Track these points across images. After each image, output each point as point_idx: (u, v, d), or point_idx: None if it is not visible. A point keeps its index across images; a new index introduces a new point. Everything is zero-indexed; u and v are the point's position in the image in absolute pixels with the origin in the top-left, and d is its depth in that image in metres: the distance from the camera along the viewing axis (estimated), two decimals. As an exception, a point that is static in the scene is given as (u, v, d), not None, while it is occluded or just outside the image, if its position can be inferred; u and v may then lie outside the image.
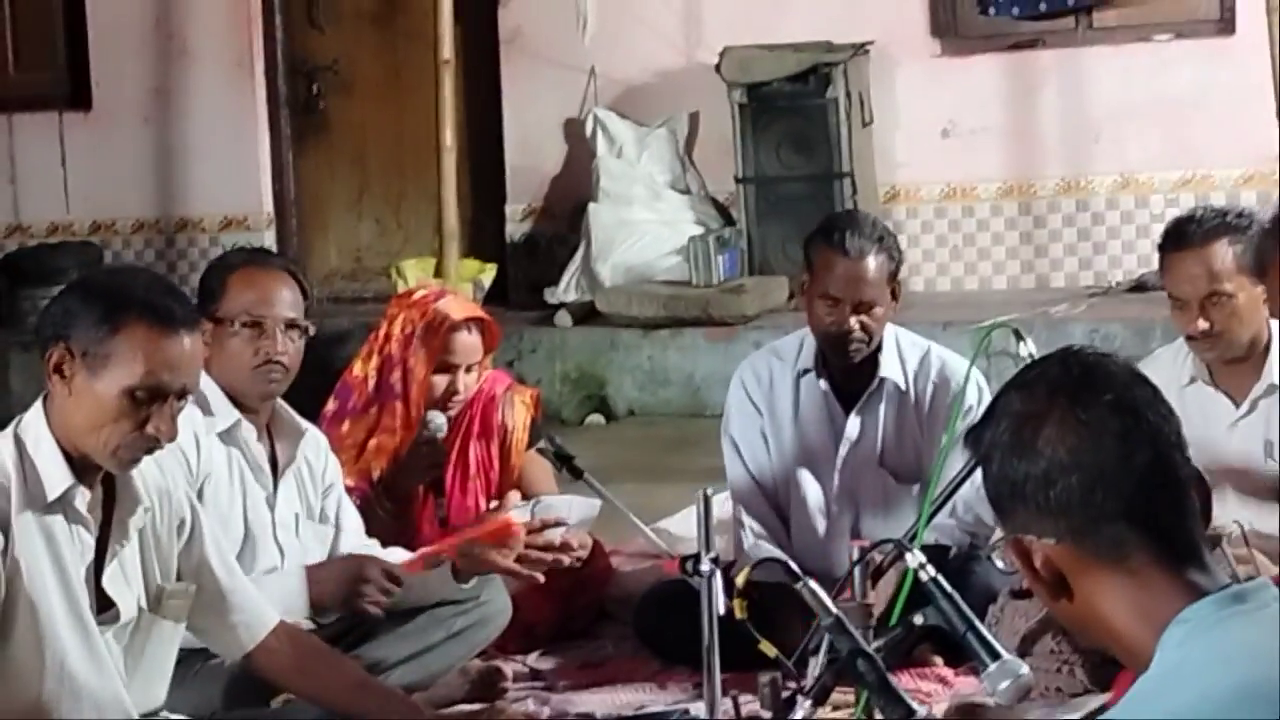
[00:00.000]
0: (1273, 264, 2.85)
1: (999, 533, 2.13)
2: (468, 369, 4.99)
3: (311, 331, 4.42)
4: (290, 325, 4.34)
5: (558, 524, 4.55)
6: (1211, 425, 4.49)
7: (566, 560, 4.53)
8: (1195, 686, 1.89)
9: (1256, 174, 9.19)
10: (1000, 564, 2.11)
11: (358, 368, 5.05)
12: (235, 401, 4.33)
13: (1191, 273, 4.39)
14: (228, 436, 4.31)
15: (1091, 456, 2.02)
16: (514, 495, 4.72)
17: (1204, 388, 4.54)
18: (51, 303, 3.42)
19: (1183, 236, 4.45)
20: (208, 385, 4.20)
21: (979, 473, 2.12)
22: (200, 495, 4.11)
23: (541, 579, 4.54)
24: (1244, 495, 4.46)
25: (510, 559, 4.45)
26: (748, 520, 4.99)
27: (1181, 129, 9.41)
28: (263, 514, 4.36)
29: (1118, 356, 2.12)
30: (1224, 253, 4.37)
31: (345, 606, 4.33)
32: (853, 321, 4.79)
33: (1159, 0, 9.52)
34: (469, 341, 4.99)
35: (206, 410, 4.26)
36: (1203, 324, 4.39)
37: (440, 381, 4.96)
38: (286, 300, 4.36)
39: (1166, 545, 2.02)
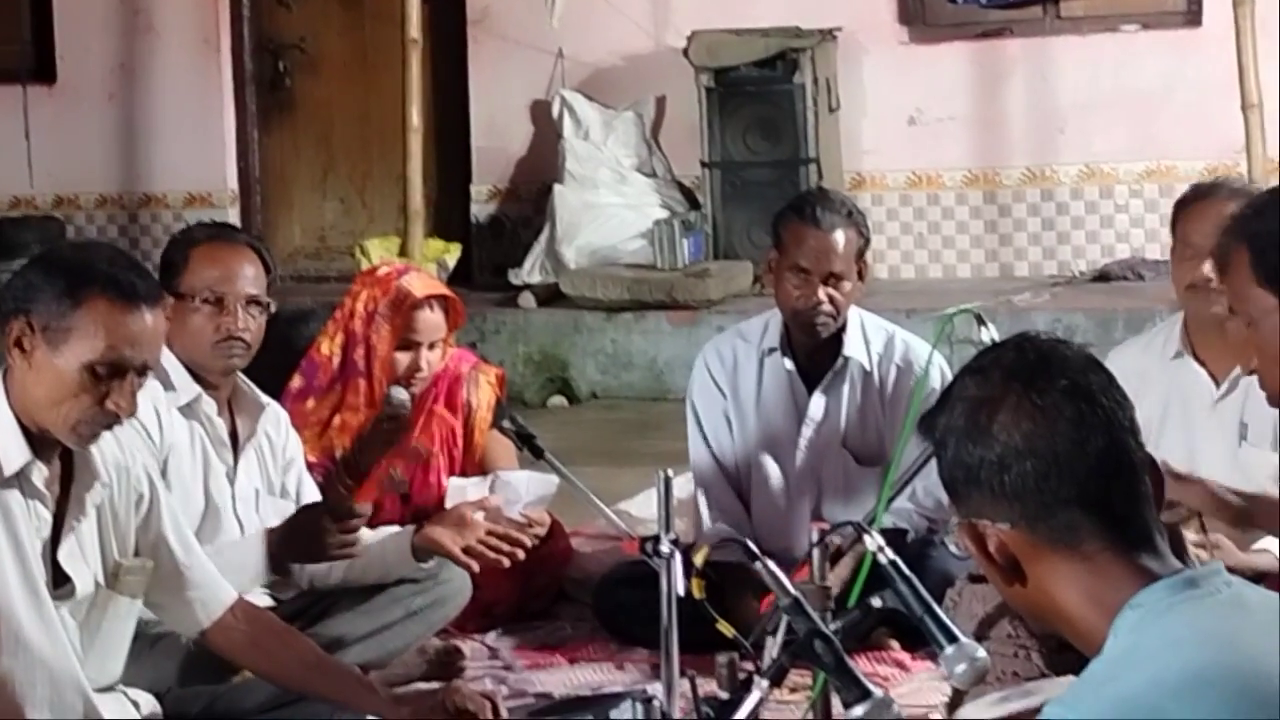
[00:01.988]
0: (1229, 263, 2.93)
1: (956, 518, 2.14)
2: (431, 346, 4.99)
3: (273, 308, 4.41)
4: (252, 301, 4.33)
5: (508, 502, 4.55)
6: (1191, 404, 4.52)
7: (520, 554, 4.51)
8: (1147, 671, 1.90)
9: (1221, 166, 9.19)
10: (955, 549, 2.12)
11: (324, 346, 5.05)
12: (196, 376, 4.32)
13: (1207, 225, 4.38)
14: (188, 411, 4.30)
15: (1046, 442, 2.03)
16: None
17: (1188, 363, 4.56)
18: (13, 277, 3.40)
19: (1203, 192, 4.52)
20: (168, 360, 4.19)
21: (938, 458, 2.13)
22: (164, 470, 4.10)
23: (505, 563, 4.52)
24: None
25: (463, 545, 4.43)
26: (706, 502, 5.00)
27: (1147, 120, 9.45)
28: (224, 488, 4.35)
29: (1072, 343, 2.13)
30: None
31: (311, 557, 4.29)
32: (821, 293, 4.81)
33: (1126, -9, 9.55)
34: (432, 319, 4.98)
35: (167, 385, 4.25)
36: (1208, 268, 4.39)
37: (403, 358, 4.95)
38: (249, 276, 4.35)
39: (1120, 530, 2.03)
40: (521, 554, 4.50)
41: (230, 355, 4.31)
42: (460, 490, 4.75)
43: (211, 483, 4.33)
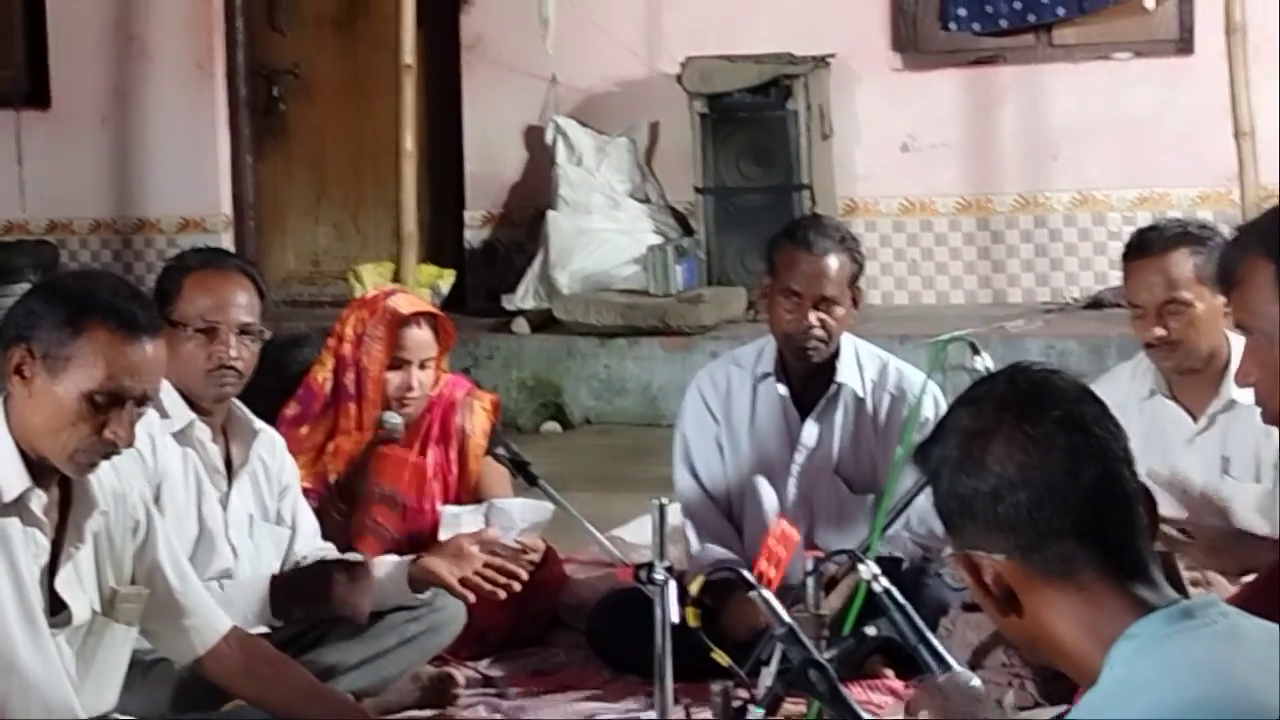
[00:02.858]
0: (1239, 273, 2.83)
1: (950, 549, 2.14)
2: (422, 365, 4.98)
3: (267, 336, 4.41)
4: (244, 330, 4.33)
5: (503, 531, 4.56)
6: (1170, 440, 4.53)
7: (517, 586, 4.51)
8: (1142, 702, 1.90)
9: (1213, 193, 9.25)
10: (951, 580, 2.13)
11: (318, 373, 5.05)
12: (190, 402, 4.32)
13: (1150, 280, 4.43)
14: (182, 437, 4.30)
15: (1040, 472, 2.03)
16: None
17: (1163, 401, 4.56)
18: (15, 304, 3.41)
19: (1144, 245, 4.49)
20: (163, 385, 4.18)
21: (933, 485, 2.13)
22: (157, 497, 4.10)
23: (502, 595, 4.52)
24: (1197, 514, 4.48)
25: (460, 576, 4.44)
26: (693, 528, 5.00)
27: (1139, 147, 9.47)
28: (217, 514, 4.35)
29: (1065, 373, 2.14)
30: (1183, 262, 4.41)
31: (318, 610, 4.32)
32: (813, 318, 4.81)
33: (1118, 19, 9.57)
34: (420, 336, 4.98)
35: (162, 411, 4.25)
36: (1159, 331, 4.42)
37: (394, 378, 4.95)
38: (241, 304, 4.35)
39: (1114, 561, 2.03)
40: (518, 585, 4.51)
41: (223, 384, 4.31)
42: (454, 518, 4.75)
43: (205, 509, 4.33)
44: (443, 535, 4.65)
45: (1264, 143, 8.51)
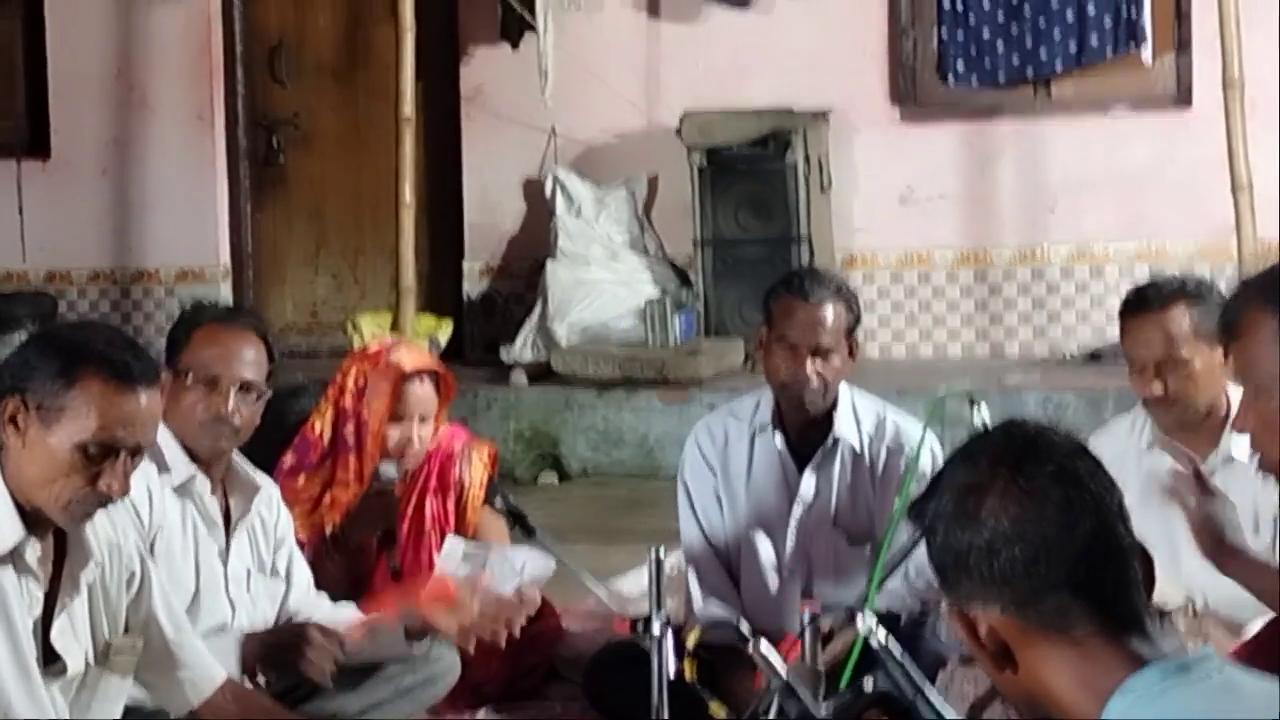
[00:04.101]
0: (1240, 326, 2.85)
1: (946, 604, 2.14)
2: (422, 420, 4.98)
3: (268, 394, 4.40)
4: (245, 386, 4.32)
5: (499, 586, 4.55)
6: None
7: (515, 632, 4.51)
8: (1138, 757, 1.90)
9: (1211, 246, 9.26)
10: (944, 635, 2.13)
11: (316, 424, 5.04)
12: (191, 454, 4.32)
13: (1149, 337, 4.44)
14: (182, 489, 4.30)
15: (1034, 527, 2.03)
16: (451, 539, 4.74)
17: (1161, 454, 4.56)
18: (11, 355, 3.41)
19: (1142, 301, 4.50)
20: (165, 438, 4.17)
21: (929, 538, 2.13)
22: (152, 548, 4.09)
23: (501, 642, 4.51)
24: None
25: (460, 624, 4.44)
26: (697, 582, 4.99)
27: (1137, 200, 9.49)
28: (215, 568, 4.34)
29: (1060, 428, 2.14)
30: (1181, 319, 4.42)
31: (287, 671, 4.31)
32: (810, 368, 4.81)
33: (1116, 73, 9.60)
34: (422, 392, 4.98)
35: (162, 465, 4.24)
36: (1158, 387, 4.43)
37: (394, 432, 4.95)
38: (246, 360, 4.34)
39: (1110, 615, 2.03)
40: (516, 631, 4.50)
41: (217, 437, 4.31)
42: (455, 549, 4.72)
43: (202, 563, 4.32)
44: (439, 564, 4.63)
45: (1261, 197, 8.53)
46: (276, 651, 4.29)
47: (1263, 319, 2.78)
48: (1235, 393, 4.40)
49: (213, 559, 4.34)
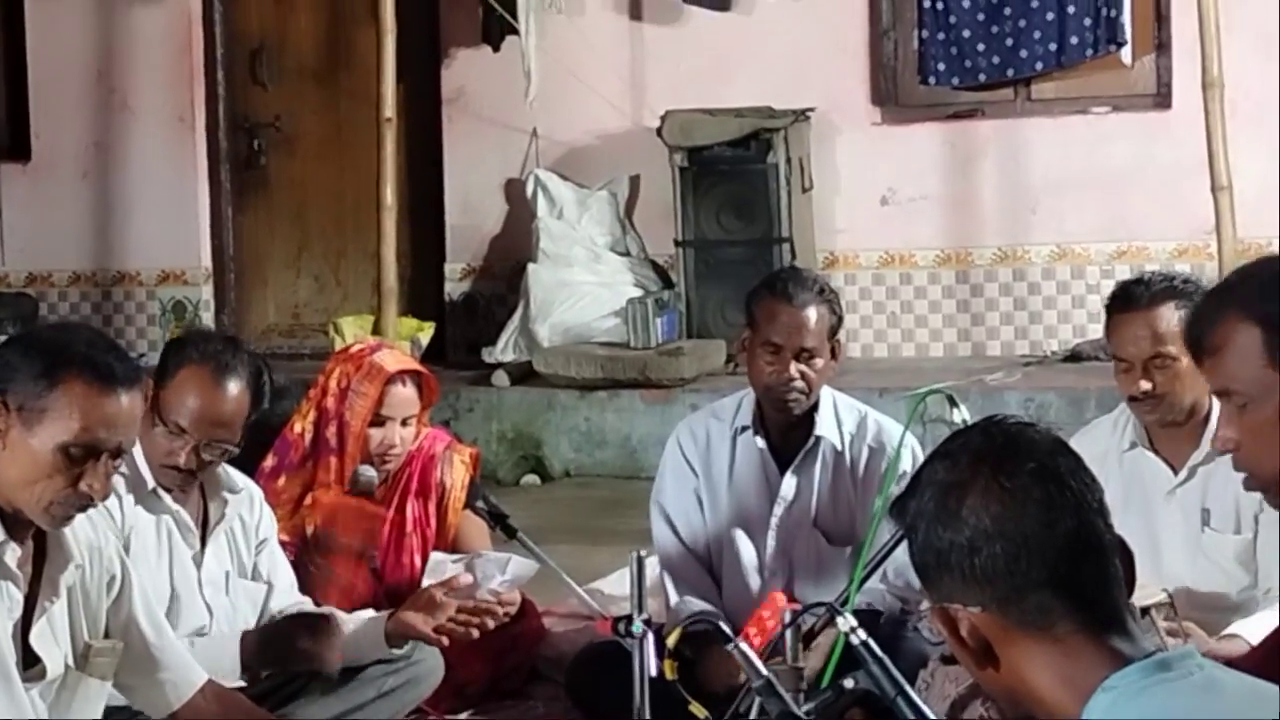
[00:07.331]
0: (1215, 339, 2.73)
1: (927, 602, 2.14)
2: (404, 423, 4.98)
3: (235, 452, 4.32)
4: (213, 442, 4.26)
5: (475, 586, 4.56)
6: (1150, 492, 4.53)
7: (491, 623, 4.52)
8: (1119, 754, 1.90)
9: (1191, 246, 9.28)
10: (928, 634, 2.13)
11: (297, 424, 5.04)
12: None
13: (1136, 334, 4.43)
14: (153, 495, 4.29)
15: (1015, 524, 2.04)
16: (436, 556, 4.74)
17: (1144, 453, 4.57)
18: (-8, 357, 3.40)
19: (1130, 298, 4.49)
20: (136, 452, 4.14)
21: (910, 538, 2.13)
22: (125, 551, 4.08)
23: (475, 634, 4.53)
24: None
25: (435, 625, 4.44)
26: (672, 582, 4.99)
27: (1118, 201, 9.50)
28: (189, 572, 4.33)
29: (1040, 426, 2.14)
30: (1169, 316, 4.41)
31: (283, 668, 4.30)
32: (793, 369, 4.82)
33: (1097, 73, 9.62)
34: (404, 395, 4.98)
35: (136, 475, 4.23)
36: (1145, 385, 4.42)
37: (376, 434, 4.95)
38: (222, 418, 4.24)
39: (1091, 613, 2.03)
40: (491, 623, 4.50)
41: (172, 480, 4.28)
42: (441, 565, 4.73)
43: (176, 568, 4.31)
44: (426, 582, 4.64)
45: (1241, 197, 8.54)
46: (277, 642, 4.28)
47: (1241, 328, 2.68)
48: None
49: (186, 563, 4.33)
